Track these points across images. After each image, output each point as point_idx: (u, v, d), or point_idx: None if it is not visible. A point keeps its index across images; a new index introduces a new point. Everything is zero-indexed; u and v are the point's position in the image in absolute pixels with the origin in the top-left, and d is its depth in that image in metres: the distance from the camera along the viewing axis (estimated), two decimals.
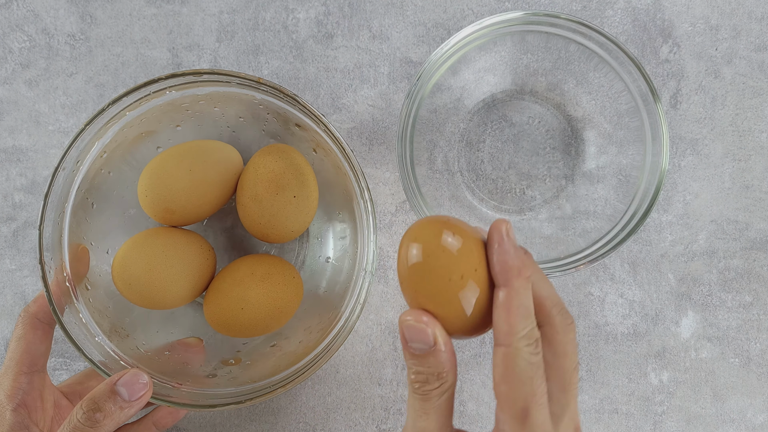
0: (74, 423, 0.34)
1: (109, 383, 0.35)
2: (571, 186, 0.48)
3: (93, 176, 0.41)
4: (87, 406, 0.34)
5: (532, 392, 0.27)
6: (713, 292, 0.49)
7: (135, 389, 0.35)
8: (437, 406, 0.28)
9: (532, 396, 0.27)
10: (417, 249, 0.27)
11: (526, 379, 0.27)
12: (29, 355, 0.38)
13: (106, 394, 0.35)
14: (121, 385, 0.35)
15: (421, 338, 0.28)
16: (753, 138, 0.48)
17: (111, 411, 0.34)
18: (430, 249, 0.27)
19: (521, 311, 0.27)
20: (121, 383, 0.35)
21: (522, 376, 0.27)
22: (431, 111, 0.45)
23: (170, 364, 0.42)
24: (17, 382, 0.37)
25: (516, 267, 0.27)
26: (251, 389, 0.40)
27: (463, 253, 0.27)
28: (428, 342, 0.28)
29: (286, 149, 0.43)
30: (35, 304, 0.39)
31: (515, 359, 0.27)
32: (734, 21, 0.48)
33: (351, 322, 0.40)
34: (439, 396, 0.28)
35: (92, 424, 0.34)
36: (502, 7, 0.48)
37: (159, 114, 0.42)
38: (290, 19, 0.48)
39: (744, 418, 0.48)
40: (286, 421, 0.48)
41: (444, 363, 0.28)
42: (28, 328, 0.38)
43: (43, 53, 0.48)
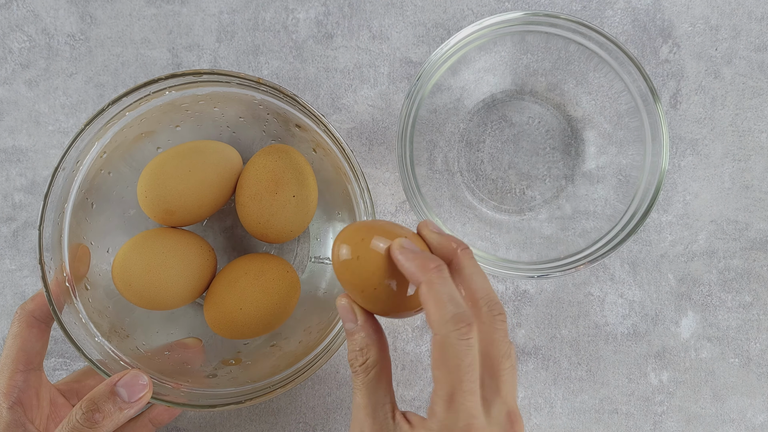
0: (73, 423, 0.34)
1: (109, 384, 0.35)
2: (571, 186, 0.48)
3: (93, 176, 0.41)
4: (86, 406, 0.34)
5: (459, 378, 0.28)
6: (713, 292, 0.49)
7: (135, 390, 0.35)
8: (366, 382, 0.31)
9: (459, 382, 0.28)
10: (345, 249, 0.32)
11: (453, 365, 0.28)
12: (25, 352, 0.38)
13: (105, 395, 0.34)
14: (121, 386, 0.35)
15: (347, 315, 0.32)
16: (753, 138, 0.48)
17: (110, 412, 0.34)
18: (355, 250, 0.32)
19: (439, 299, 0.29)
20: (121, 384, 0.35)
21: (449, 362, 0.28)
22: (431, 111, 0.45)
23: (170, 364, 0.42)
24: (13, 380, 0.37)
25: (418, 269, 0.30)
26: (251, 389, 0.40)
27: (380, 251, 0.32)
28: (351, 319, 0.32)
29: (285, 149, 0.43)
30: (32, 302, 0.39)
31: (442, 345, 0.28)
32: (734, 21, 0.48)
33: None
34: (366, 372, 0.31)
35: (91, 424, 0.34)
36: (502, 7, 0.48)
37: (159, 114, 0.42)
38: (290, 19, 0.48)
39: (744, 418, 0.48)
40: (286, 421, 0.48)
41: (363, 339, 0.31)
42: (24, 325, 0.38)
43: (43, 53, 0.48)
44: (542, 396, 0.48)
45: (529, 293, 0.49)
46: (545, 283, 0.49)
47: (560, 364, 0.48)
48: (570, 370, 0.48)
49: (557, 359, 0.48)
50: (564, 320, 0.48)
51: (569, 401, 0.48)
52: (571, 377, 0.48)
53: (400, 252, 0.31)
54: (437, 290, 0.29)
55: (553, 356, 0.48)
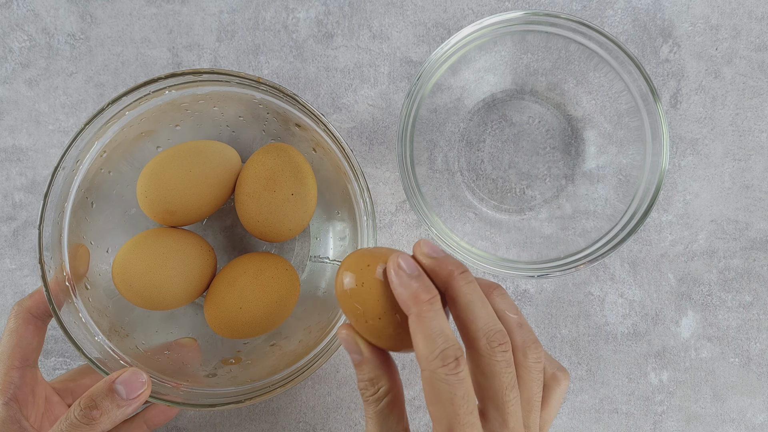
0: (71, 420, 0.34)
1: (108, 381, 0.35)
2: (571, 186, 0.48)
3: (93, 176, 0.41)
4: (84, 403, 0.34)
5: (455, 413, 0.28)
6: (713, 292, 0.48)
7: (133, 388, 0.35)
8: (378, 412, 0.30)
9: (455, 416, 0.28)
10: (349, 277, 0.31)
11: (446, 400, 0.28)
12: (21, 349, 0.38)
13: (104, 392, 0.34)
14: (120, 384, 0.35)
15: (351, 348, 0.31)
16: (753, 138, 0.48)
17: (108, 409, 0.34)
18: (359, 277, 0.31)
19: (428, 334, 0.28)
20: (120, 381, 0.35)
21: (442, 397, 0.28)
22: (431, 111, 0.45)
23: (169, 363, 0.42)
24: (9, 376, 0.37)
25: (410, 298, 0.29)
26: (251, 389, 0.40)
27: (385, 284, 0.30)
28: (356, 351, 0.31)
29: (284, 148, 0.43)
30: (30, 299, 0.39)
31: (432, 381, 0.28)
32: (734, 21, 0.48)
33: None
34: (377, 402, 0.31)
35: (89, 421, 0.33)
36: (502, 6, 0.48)
37: (158, 114, 0.42)
38: (290, 19, 0.48)
39: (744, 417, 0.48)
40: (286, 421, 0.48)
41: (372, 370, 0.31)
42: (21, 322, 0.38)
43: (43, 53, 0.48)
44: None
45: (529, 293, 0.49)
46: (545, 283, 0.48)
47: (560, 363, 0.48)
48: (570, 369, 0.48)
49: (557, 359, 0.48)
50: (564, 320, 0.48)
51: (569, 401, 0.48)
52: (571, 377, 0.48)
53: (395, 273, 0.30)
54: (427, 325, 0.28)
55: (553, 356, 0.48)
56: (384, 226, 0.48)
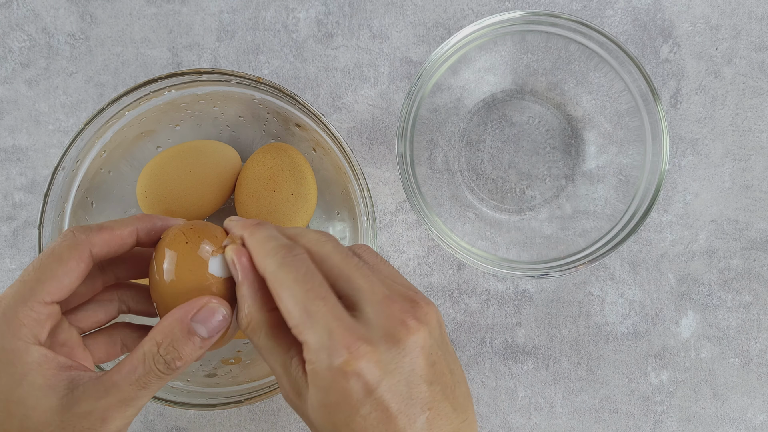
0: (153, 370, 0.29)
1: (184, 321, 0.30)
2: (571, 186, 0.48)
3: (93, 175, 0.42)
4: (167, 352, 0.29)
5: (304, 289, 0.28)
6: (713, 292, 0.48)
7: (215, 325, 0.30)
8: (262, 345, 0.30)
9: (305, 293, 0.28)
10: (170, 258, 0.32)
11: (292, 282, 0.28)
12: (58, 283, 0.30)
13: (183, 336, 0.30)
14: (199, 322, 0.30)
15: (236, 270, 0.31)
16: (753, 138, 0.48)
17: (190, 355, 0.30)
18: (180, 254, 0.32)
19: (260, 240, 0.30)
20: (198, 319, 0.30)
21: (287, 283, 0.28)
22: (431, 111, 0.45)
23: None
24: (35, 311, 0.29)
25: (239, 228, 0.31)
26: (251, 389, 0.40)
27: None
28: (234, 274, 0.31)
29: (284, 147, 0.43)
30: (99, 234, 0.31)
31: (275, 276, 0.28)
32: (734, 21, 0.48)
33: None
34: (256, 334, 0.30)
35: (171, 371, 0.30)
36: (502, 6, 0.48)
37: (158, 113, 0.42)
38: (290, 19, 0.48)
39: (744, 417, 0.48)
40: (286, 421, 0.48)
41: (243, 296, 0.30)
42: (75, 254, 0.30)
43: (43, 53, 0.48)
44: (542, 395, 0.48)
45: (529, 293, 0.49)
46: (545, 283, 0.49)
47: (560, 363, 0.48)
48: (570, 369, 0.48)
49: (557, 359, 0.48)
50: (564, 320, 0.48)
51: (569, 401, 0.48)
52: (571, 377, 0.48)
53: (228, 222, 0.32)
54: (257, 236, 0.30)
55: (553, 356, 0.48)
56: (384, 226, 0.48)
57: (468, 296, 0.48)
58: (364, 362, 0.27)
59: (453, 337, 0.48)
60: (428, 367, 0.28)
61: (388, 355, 0.27)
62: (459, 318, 0.48)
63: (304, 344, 0.28)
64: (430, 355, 0.29)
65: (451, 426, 0.29)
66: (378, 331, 0.28)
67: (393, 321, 0.28)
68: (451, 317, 0.48)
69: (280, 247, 0.29)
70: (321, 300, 0.28)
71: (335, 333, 0.27)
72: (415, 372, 0.28)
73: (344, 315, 0.28)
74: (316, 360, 0.27)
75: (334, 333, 0.27)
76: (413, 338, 0.28)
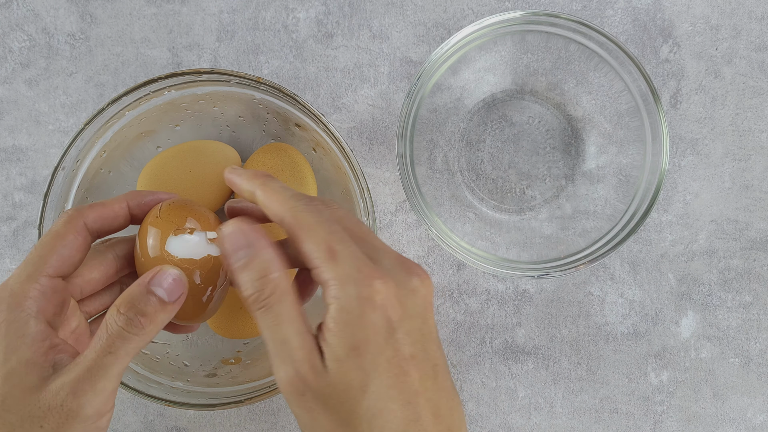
0: (114, 330, 0.29)
1: (143, 284, 0.30)
2: (571, 186, 0.48)
3: (93, 176, 0.42)
4: (126, 309, 0.29)
5: (328, 230, 0.28)
6: (713, 292, 0.48)
7: (174, 288, 0.31)
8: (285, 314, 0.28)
9: (329, 233, 0.28)
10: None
11: (315, 224, 0.28)
12: (59, 258, 0.31)
13: (143, 296, 0.30)
14: (158, 286, 0.30)
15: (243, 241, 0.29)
16: (753, 138, 0.48)
17: (154, 314, 0.30)
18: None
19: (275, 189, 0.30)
20: (155, 283, 0.30)
21: (310, 224, 0.28)
22: (431, 111, 0.45)
23: (169, 363, 0.42)
24: (38, 284, 0.30)
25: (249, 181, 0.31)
26: (251, 389, 0.40)
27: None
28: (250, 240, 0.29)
29: (284, 148, 0.43)
30: (92, 210, 0.33)
31: (296, 218, 0.28)
32: (734, 21, 0.48)
33: None
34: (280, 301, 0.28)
35: (137, 330, 0.29)
36: (502, 6, 0.48)
37: (158, 113, 0.42)
38: (290, 19, 0.48)
39: (744, 418, 0.48)
40: (286, 421, 0.48)
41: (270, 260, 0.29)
42: (71, 228, 0.31)
43: (43, 53, 0.48)
44: (542, 396, 0.48)
45: (529, 293, 0.49)
46: (545, 283, 0.49)
47: (560, 363, 0.48)
48: (570, 369, 0.48)
49: (557, 359, 0.48)
50: (564, 320, 0.48)
51: (569, 401, 0.48)
52: (571, 377, 0.48)
53: (229, 173, 0.32)
54: (272, 185, 0.30)
55: (553, 356, 0.48)
56: (384, 226, 0.48)
57: (468, 296, 0.48)
58: (390, 296, 0.27)
59: (453, 337, 0.48)
60: (436, 330, 0.30)
61: (407, 299, 0.28)
62: (459, 318, 0.48)
63: (326, 284, 0.27)
64: (434, 322, 0.30)
65: (453, 400, 0.29)
66: (398, 276, 0.28)
67: (410, 271, 0.29)
68: (451, 317, 0.48)
69: (299, 195, 0.30)
70: (345, 242, 0.28)
71: (362, 268, 0.27)
72: (427, 326, 0.29)
73: (367, 257, 0.28)
74: (343, 294, 0.27)
75: (362, 268, 0.27)
76: (425, 290, 0.29)
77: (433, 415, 0.28)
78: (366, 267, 0.27)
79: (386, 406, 0.27)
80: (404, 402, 0.27)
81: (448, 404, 0.29)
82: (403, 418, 0.27)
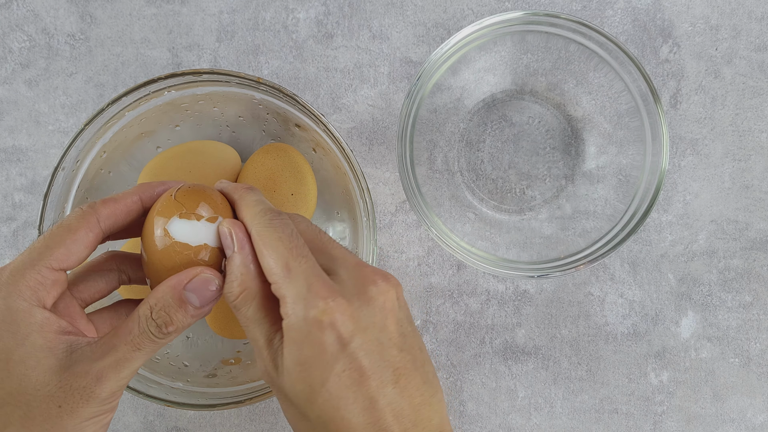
0: (145, 333, 0.30)
1: (177, 289, 0.30)
2: (571, 186, 0.48)
3: (92, 176, 0.42)
4: (158, 316, 0.30)
5: (287, 247, 0.29)
6: (713, 292, 0.48)
7: (206, 294, 0.31)
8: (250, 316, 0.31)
9: (288, 250, 0.29)
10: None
11: (276, 241, 0.30)
12: (66, 251, 0.30)
13: (175, 303, 0.30)
14: (192, 291, 0.31)
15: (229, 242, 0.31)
16: (753, 138, 0.48)
17: (181, 321, 0.31)
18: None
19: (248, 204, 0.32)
20: (191, 288, 0.31)
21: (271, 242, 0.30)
22: (431, 111, 0.45)
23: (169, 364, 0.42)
24: (42, 275, 0.30)
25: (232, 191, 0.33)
26: (251, 389, 0.40)
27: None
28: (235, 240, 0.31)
29: (284, 148, 0.43)
30: (106, 206, 0.32)
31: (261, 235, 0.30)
32: (734, 21, 0.48)
33: None
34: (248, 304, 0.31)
35: (163, 336, 0.30)
36: (502, 7, 0.48)
37: (158, 114, 0.42)
38: (290, 19, 0.48)
39: (744, 418, 0.48)
40: (286, 422, 0.48)
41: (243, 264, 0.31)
42: (84, 224, 0.31)
43: (43, 53, 0.48)
44: (542, 396, 0.48)
45: (529, 293, 0.49)
46: (545, 283, 0.49)
47: (560, 364, 0.48)
48: (570, 370, 0.48)
49: (557, 359, 0.48)
50: (564, 320, 0.48)
51: (569, 401, 0.48)
52: (571, 377, 0.48)
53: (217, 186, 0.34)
54: (247, 199, 0.32)
55: (553, 356, 0.48)
56: (384, 226, 0.48)
57: (468, 296, 0.48)
58: (339, 314, 0.28)
59: (453, 337, 0.48)
60: (399, 334, 0.30)
61: (360, 312, 0.29)
62: (459, 318, 0.48)
63: (282, 299, 0.29)
64: (400, 324, 0.30)
65: (421, 397, 0.30)
66: (352, 289, 0.30)
67: (366, 281, 0.30)
68: (451, 317, 0.48)
69: (268, 210, 0.31)
70: (302, 258, 0.29)
71: (313, 286, 0.29)
72: (386, 333, 0.30)
73: (322, 273, 0.29)
74: (293, 312, 0.29)
75: (312, 286, 0.29)
76: (383, 298, 0.30)
77: (394, 416, 0.29)
78: (317, 284, 0.29)
79: (338, 414, 0.29)
80: (361, 409, 0.29)
81: (411, 403, 0.30)
82: (361, 422, 0.29)
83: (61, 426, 0.29)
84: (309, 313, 0.28)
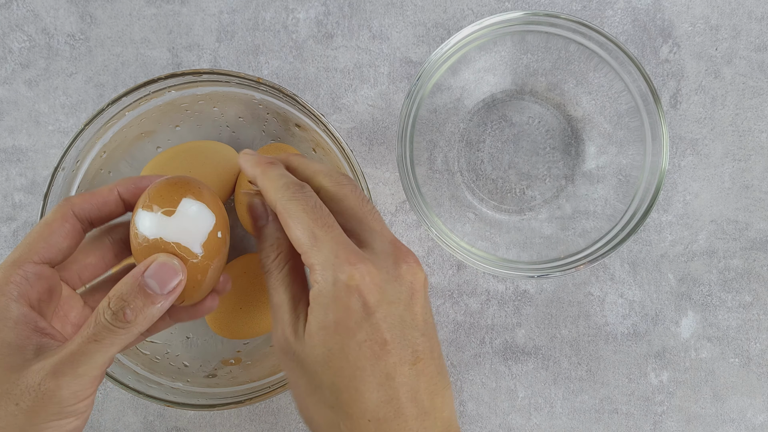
0: (102, 323, 0.29)
1: (135, 276, 0.30)
2: (571, 186, 0.48)
3: (92, 176, 0.42)
4: (114, 304, 0.29)
5: (313, 218, 0.29)
6: (713, 292, 0.48)
7: (166, 279, 0.30)
8: (282, 278, 0.31)
9: (314, 221, 0.29)
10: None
11: (301, 212, 0.30)
12: (46, 244, 0.31)
13: (133, 290, 0.30)
14: (150, 277, 0.30)
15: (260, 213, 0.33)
16: (753, 138, 0.48)
17: (142, 307, 0.30)
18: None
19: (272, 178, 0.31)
20: (150, 275, 0.30)
21: (296, 214, 0.30)
22: (431, 111, 0.45)
23: (169, 364, 0.42)
24: (22, 269, 0.30)
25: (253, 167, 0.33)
26: (251, 389, 0.40)
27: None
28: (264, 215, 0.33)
29: (284, 148, 0.43)
30: (79, 197, 0.33)
31: (285, 208, 0.30)
32: (734, 21, 0.48)
33: None
34: (280, 267, 0.32)
35: (123, 324, 0.29)
36: (502, 7, 0.48)
37: (158, 114, 0.42)
38: (290, 19, 0.48)
39: (744, 418, 0.48)
40: (286, 421, 0.48)
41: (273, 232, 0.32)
42: (58, 216, 0.32)
43: (43, 53, 0.48)
44: (542, 396, 0.48)
45: (529, 293, 0.49)
46: (545, 283, 0.49)
47: (560, 364, 0.48)
48: (570, 370, 0.48)
49: (557, 359, 0.48)
50: (564, 320, 0.48)
51: (569, 401, 0.48)
52: (571, 377, 0.48)
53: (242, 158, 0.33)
54: (269, 173, 0.32)
55: (553, 356, 0.48)
56: None
57: (468, 296, 0.48)
58: (368, 280, 0.29)
59: (453, 337, 0.48)
60: (423, 319, 0.30)
61: (388, 285, 0.29)
62: (459, 318, 0.48)
63: (312, 268, 0.29)
64: (425, 309, 0.31)
65: (435, 386, 0.30)
66: (383, 262, 0.30)
67: (398, 258, 0.30)
68: (451, 317, 0.48)
69: (291, 184, 0.31)
70: (328, 227, 0.30)
71: (340, 253, 0.29)
72: (410, 314, 0.30)
73: (349, 241, 0.30)
74: (322, 278, 0.29)
75: (340, 253, 0.29)
76: (413, 278, 0.30)
77: (409, 398, 0.29)
78: (344, 252, 0.29)
79: (353, 384, 0.29)
80: (377, 384, 0.29)
81: (428, 389, 0.30)
82: (376, 399, 0.29)
83: (17, 426, 0.28)
84: (338, 276, 0.29)
